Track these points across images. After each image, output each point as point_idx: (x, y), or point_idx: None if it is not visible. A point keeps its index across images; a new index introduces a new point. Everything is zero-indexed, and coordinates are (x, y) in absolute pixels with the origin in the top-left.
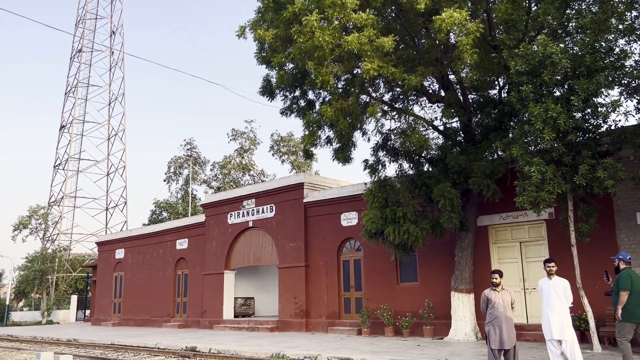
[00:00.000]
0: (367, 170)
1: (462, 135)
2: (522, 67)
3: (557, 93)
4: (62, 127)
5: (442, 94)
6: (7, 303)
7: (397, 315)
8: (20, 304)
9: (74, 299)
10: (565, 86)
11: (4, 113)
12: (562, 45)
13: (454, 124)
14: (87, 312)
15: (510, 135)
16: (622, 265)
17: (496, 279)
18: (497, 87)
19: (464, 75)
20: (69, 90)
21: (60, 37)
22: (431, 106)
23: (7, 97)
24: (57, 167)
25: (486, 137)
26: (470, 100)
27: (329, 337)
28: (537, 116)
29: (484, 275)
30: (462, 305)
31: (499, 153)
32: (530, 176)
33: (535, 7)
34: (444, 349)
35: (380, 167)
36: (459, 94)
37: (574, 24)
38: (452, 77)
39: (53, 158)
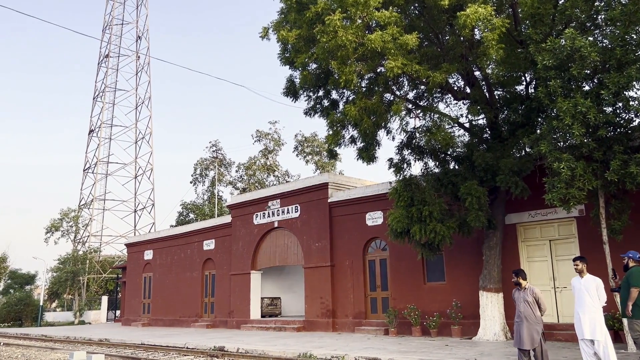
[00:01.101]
0: (392, 169)
1: (489, 132)
2: (550, 61)
3: (587, 87)
4: (90, 131)
5: (468, 90)
6: (41, 304)
7: (425, 315)
8: (54, 304)
9: (104, 299)
10: (595, 80)
11: (36, 118)
12: (590, 38)
13: (480, 121)
14: (118, 312)
15: (538, 131)
16: (632, 264)
17: (515, 279)
18: (524, 83)
19: (489, 71)
20: (97, 95)
21: (89, 43)
22: (456, 103)
23: (38, 103)
24: (86, 171)
25: (513, 134)
26: (497, 97)
27: (355, 337)
28: (566, 111)
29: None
30: (490, 305)
31: (527, 150)
32: (559, 172)
33: (563, 0)
34: (473, 349)
35: (405, 165)
36: (485, 90)
37: (603, 16)
38: (477, 73)
39: (82, 162)
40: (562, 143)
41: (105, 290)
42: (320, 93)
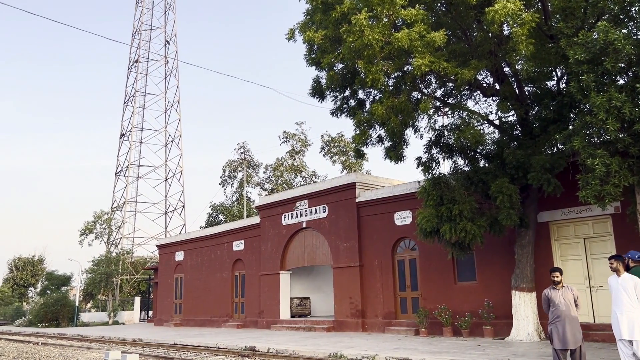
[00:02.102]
0: (421, 168)
1: (519, 129)
2: (582, 56)
3: (621, 81)
4: (122, 135)
5: (497, 87)
6: (77, 305)
7: (456, 315)
8: (88, 305)
9: (137, 300)
10: (630, 73)
11: (70, 124)
12: (624, 31)
13: (511, 118)
14: (150, 312)
15: (571, 127)
16: (632, 264)
17: (557, 277)
18: (555, 78)
19: (519, 67)
20: (128, 100)
21: (119, 49)
22: (485, 100)
23: (71, 108)
24: (118, 174)
25: (545, 130)
26: (527, 93)
27: (386, 337)
28: (599, 106)
29: (546, 274)
30: (523, 305)
31: (559, 146)
32: (593, 169)
33: None
34: (506, 349)
35: (434, 164)
36: (515, 86)
37: (637, 7)
38: (506, 69)
39: (114, 165)
40: (596, 139)
41: (138, 291)
42: (347, 93)
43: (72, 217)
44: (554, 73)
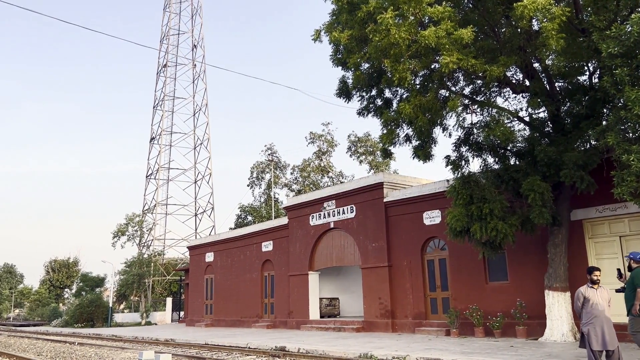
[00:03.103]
0: (450, 167)
1: (551, 125)
2: (616, 49)
3: None
4: (152, 139)
5: (527, 83)
6: (111, 305)
7: (487, 315)
8: (121, 306)
9: (169, 301)
10: None
11: (102, 129)
12: None
13: (541, 114)
14: (182, 313)
15: (605, 122)
16: (634, 265)
17: (598, 276)
18: (587, 73)
19: (549, 62)
20: (157, 104)
21: (148, 54)
22: (515, 97)
23: (103, 114)
24: (149, 177)
25: (577, 126)
26: (558, 88)
27: (416, 337)
28: (634, 101)
29: (580, 273)
30: (557, 304)
31: (592, 142)
32: (629, 165)
33: None
34: (540, 349)
35: (463, 162)
36: (545, 82)
37: None
38: (536, 65)
39: (145, 168)
40: (631, 134)
41: (170, 292)
42: (373, 92)
43: (106, 220)
44: (585, 68)
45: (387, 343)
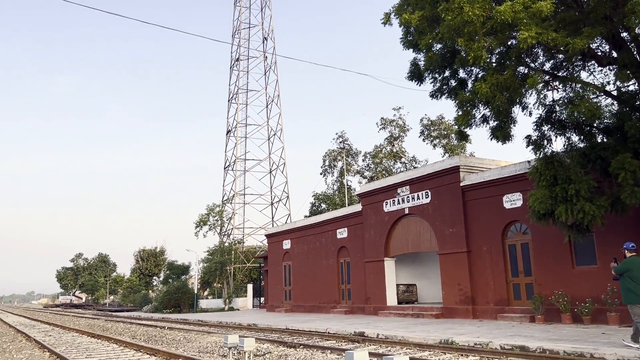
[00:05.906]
0: (531, 147)
1: None
2: None
3: None
4: (228, 131)
5: (614, 55)
6: (195, 292)
7: (574, 301)
8: (205, 292)
9: (249, 287)
10: None
11: (182, 125)
12: None
13: (631, 87)
14: (262, 299)
15: None
16: (628, 254)
17: None
18: None
19: (639, 31)
20: (231, 97)
21: (222, 49)
22: (601, 70)
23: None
24: (227, 168)
25: None
26: None
27: (498, 324)
28: None
29: None
30: None
31: None
32: None
33: None
34: None
35: (545, 142)
36: (635, 52)
37: None
38: (624, 34)
39: (223, 160)
40: None
41: (250, 279)
42: (447, 73)
43: (189, 210)
44: None
45: (468, 329)
